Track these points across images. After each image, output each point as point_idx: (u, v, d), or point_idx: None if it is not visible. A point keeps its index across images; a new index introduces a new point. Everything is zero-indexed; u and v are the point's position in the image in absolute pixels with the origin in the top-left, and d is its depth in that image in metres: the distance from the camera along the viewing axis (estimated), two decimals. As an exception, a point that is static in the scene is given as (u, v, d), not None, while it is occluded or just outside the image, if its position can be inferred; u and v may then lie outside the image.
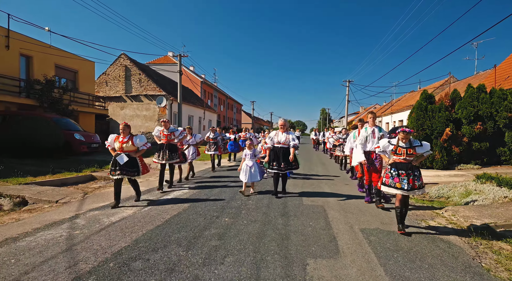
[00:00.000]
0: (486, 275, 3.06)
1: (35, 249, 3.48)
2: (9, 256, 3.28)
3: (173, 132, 7.14)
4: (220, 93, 45.14)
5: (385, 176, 4.39)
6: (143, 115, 22.99)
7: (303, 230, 4.23)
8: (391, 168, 4.34)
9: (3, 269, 2.98)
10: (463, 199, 6.28)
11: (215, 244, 3.65)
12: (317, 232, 4.17)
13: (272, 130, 11.93)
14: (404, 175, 4.20)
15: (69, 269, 2.98)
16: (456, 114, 10.62)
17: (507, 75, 17.28)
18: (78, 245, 3.61)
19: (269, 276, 2.88)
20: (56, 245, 3.60)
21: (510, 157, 9.95)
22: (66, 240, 3.77)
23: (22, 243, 3.66)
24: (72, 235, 3.97)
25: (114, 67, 23.46)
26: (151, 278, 2.80)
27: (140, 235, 3.92)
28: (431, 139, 10.54)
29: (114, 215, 4.89)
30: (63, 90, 17.18)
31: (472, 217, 4.99)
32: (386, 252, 3.52)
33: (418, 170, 4.32)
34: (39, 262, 3.13)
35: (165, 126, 7.08)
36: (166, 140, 6.99)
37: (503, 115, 9.87)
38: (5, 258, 3.22)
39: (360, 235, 4.08)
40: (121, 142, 5.57)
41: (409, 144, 4.29)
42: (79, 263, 3.10)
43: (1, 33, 14.56)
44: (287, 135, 6.38)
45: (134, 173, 5.57)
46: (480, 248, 3.80)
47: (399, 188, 4.19)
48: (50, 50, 17.31)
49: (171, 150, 7.02)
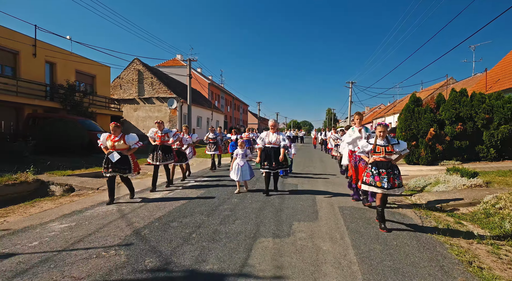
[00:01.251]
0: (419, 227, 4.36)
1: (99, 216, 4.85)
2: (82, 220, 4.64)
3: (167, 133, 7.22)
4: (227, 94, 46.53)
5: (365, 175, 4.48)
6: (155, 116, 24.45)
7: (294, 206, 5.53)
8: (371, 167, 4.42)
9: (82, 227, 4.33)
10: (432, 187, 7.50)
11: (227, 214, 4.98)
12: (304, 208, 5.47)
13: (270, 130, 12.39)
14: (385, 173, 4.28)
15: (128, 226, 4.33)
16: (440, 115, 11.78)
17: (498, 78, 18.31)
18: (128, 214, 4.97)
19: (265, 230, 4.19)
20: (112, 215, 4.96)
21: (487, 154, 11.08)
22: (117, 212, 5.13)
23: (87, 213, 5.04)
24: (120, 209, 5.32)
25: (128, 71, 24.99)
26: (186, 230, 4.13)
27: (171, 209, 5.27)
28: (417, 138, 11.73)
29: (148, 197, 6.25)
30: (83, 94, 18.73)
31: (430, 198, 6.24)
32: (352, 219, 4.80)
33: (397, 169, 4.41)
34: (106, 223, 4.49)
35: (159, 127, 7.14)
36: (160, 141, 7.05)
37: (481, 116, 11.01)
38: (80, 222, 4.58)
39: (337, 210, 5.36)
40: (113, 141, 5.71)
41: (387, 142, 4.43)
42: (134, 223, 4.45)
43: (29, 43, 16.11)
44: (278, 136, 6.60)
45: (125, 170, 5.73)
46: (426, 218, 5.06)
47: (379, 187, 4.26)
48: (71, 57, 18.87)
49: (164, 151, 7.04)
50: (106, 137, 5.81)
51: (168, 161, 7.06)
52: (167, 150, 7.11)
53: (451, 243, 3.94)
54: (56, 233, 4.04)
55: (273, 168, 6.51)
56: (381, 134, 4.42)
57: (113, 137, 5.74)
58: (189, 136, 8.67)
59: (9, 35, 14.89)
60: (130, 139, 5.83)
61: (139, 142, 5.96)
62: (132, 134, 6.00)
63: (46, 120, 14.67)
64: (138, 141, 5.93)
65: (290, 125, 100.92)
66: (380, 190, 4.27)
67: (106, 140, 5.78)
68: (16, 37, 15.28)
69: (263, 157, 6.60)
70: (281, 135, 6.65)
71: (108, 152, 5.73)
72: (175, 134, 7.57)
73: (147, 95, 24.72)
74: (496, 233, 4.46)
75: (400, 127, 12.25)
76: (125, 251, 3.40)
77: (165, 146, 7.11)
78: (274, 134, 6.61)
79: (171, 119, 24.32)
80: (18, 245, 3.60)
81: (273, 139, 6.56)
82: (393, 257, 3.38)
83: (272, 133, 6.63)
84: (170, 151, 7.22)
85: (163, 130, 7.16)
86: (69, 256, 3.26)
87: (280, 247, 3.59)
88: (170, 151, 7.23)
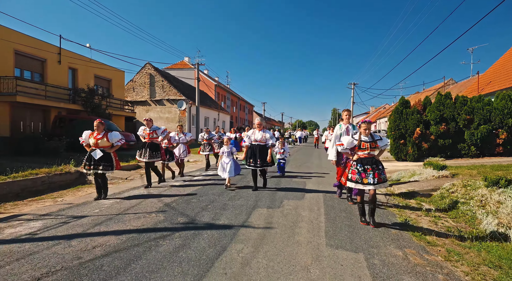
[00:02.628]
0: (382, 203, 5.71)
1: (134, 197, 6.30)
2: (123, 199, 6.09)
3: (155, 131, 7.31)
4: (232, 95, 48.03)
5: (351, 172, 4.47)
6: (166, 117, 26.03)
7: (286, 190, 6.91)
8: (357, 164, 4.42)
9: (125, 203, 5.77)
10: (408, 178, 8.79)
11: (233, 195, 6.39)
12: (295, 191, 6.84)
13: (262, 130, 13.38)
14: (370, 169, 4.31)
15: (160, 201, 5.76)
16: (426, 116, 13.00)
17: (489, 80, 19.38)
18: (155, 195, 6.41)
19: (262, 204, 5.58)
20: (143, 196, 6.40)
21: (468, 151, 12.27)
22: (148, 193, 6.57)
23: (124, 195, 6.49)
24: (150, 192, 6.76)
25: (140, 75, 26.62)
26: (203, 203, 5.55)
27: (188, 192, 6.69)
28: (405, 137, 12.98)
29: (170, 184, 7.70)
30: (101, 96, 20.36)
31: (403, 187, 7.54)
32: (331, 199, 6.15)
33: (381, 164, 4.48)
34: (141, 200, 5.95)
35: (147, 124, 7.23)
36: (148, 139, 7.18)
37: (463, 117, 12.21)
38: (121, 200, 6.02)
39: (321, 194, 6.72)
40: (96, 138, 5.71)
41: (371, 138, 4.48)
42: (163, 199, 5.89)
43: (54, 52, 17.76)
44: (263, 134, 6.76)
45: (108, 167, 5.79)
46: (392, 199, 6.38)
47: (366, 183, 4.29)
48: (91, 63, 20.52)
49: (152, 149, 7.14)
50: (89, 134, 5.80)
51: (154, 158, 7.14)
52: (154, 147, 7.21)
53: (402, 214, 5.27)
54: (108, 205, 5.49)
55: (258, 165, 6.70)
56: (366, 131, 4.48)
57: (95, 135, 5.75)
58: (183, 135, 8.96)
59: (38, 45, 16.54)
60: (113, 136, 5.85)
61: (122, 140, 6.00)
62: (115, 132, 6.03)
63: (73, 121, 16.33)
64: (120, 139, 5.98)
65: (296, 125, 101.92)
66: (367, 187, 4.29)
67: (89, 137, 5.77)
68: (44, 47, 16.94)
69: (249, 155, 6.79)
70: (267, 133, 6.84)
71: (91, 149, 5.77)
72: (163, 132, 7.57)
73: (158, 97, 26.31)
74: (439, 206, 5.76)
75: (390, 127, 13.51)
76: (162, 214, 4.84)
77: (153, 143, 7.23)
78: (260, 132, 6.79)
79: (180, 119, 25.86)
80: (85, 211, 5.06)
81: (258, 137, 6.76)
82: (352, 220, 4.74)
83: (258, 131, 6.81)
84: (158, 149, 7.29)
85: (152, 127, 7.28)
86: (124, 217, 4.70)
87: (271, 213, 4.99)
88: (158, 149, 7.31)
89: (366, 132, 4.47)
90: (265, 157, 6.71)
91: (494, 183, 5.57)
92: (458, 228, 4.63)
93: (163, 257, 3.27)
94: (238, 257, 3.31)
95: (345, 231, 4.23)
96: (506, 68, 18.00)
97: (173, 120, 25.87)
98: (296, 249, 3.57)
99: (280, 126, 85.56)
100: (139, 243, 3.64)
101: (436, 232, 4.32)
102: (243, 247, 3.59)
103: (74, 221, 4.52)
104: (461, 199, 5.96)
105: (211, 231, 4.07)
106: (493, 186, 5.57)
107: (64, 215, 4.86)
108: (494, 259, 3.44)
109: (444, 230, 4.52)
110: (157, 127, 7.47)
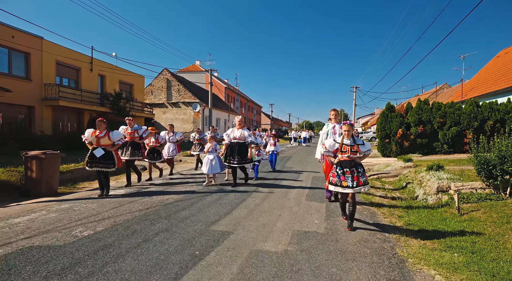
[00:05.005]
0: None
1: (179, 178, 8.77)
2: (168, 180, 8.57)
3: (137, 130, 7.42)
4: (241, 97, 50.52)
5: (331, 175, 4.45)
6: (181, 118, 28.60)
7: (285, 176, 9.33)
8: (336, 167, 4.41)
9: (172, 182, 8.24)
10: (383, 169, 11.11)
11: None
12: (294, 175, 9.25)
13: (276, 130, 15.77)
14: (349, 172, 4.28)
15: (190, 185, 8.22)
16: (407, 119, 15.26)
17: (472, 87, 21.48)
18: (179, 183, 8.86)
19: (267, 181, 8.00)
20: (170, 182, 8.86)
21: (442, 149, 14.50)
22: (178, 180, 9.03)
23: (168, 176, 8.96)
24: (179, 178, 9.23)
25: (158, 79, 29.26)
26: (212, 188, 7.99)
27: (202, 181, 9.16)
28: (390, 136, 15.26)
29: (191, 172, 10.17)
30: (126, 100, 23.00)
31: (377, 174, 9.89)
32: (318, 177, 8.53)
33: (361, 167, 4.41)
34: (178, 182, 8.42)
35: (129, 124, 7.34)
36: (130, 138, 7.28)
37: (437, 120, 14.45)
38: (168, 181, 8.50)
39: (312, 173, 9.10)
40: (98, 137, 5.81)
41: (353, 142, 4.41)
42: (192, 186, 8.35)
43: (87, 61, 20.43)
44: (243, 131, 6.96)
45: (110, 165, 5.91)
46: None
47: (345, 187, 4.25)
48: (116, 70, 23.18)
49: (133, 148, 7.25)
50: (91, 133, 5.90)
51: (135, 157, 7.27)
52: (135, 146, 7.33)
53: (363, 189, 7.65)
54: (159, 183, 7.96)
55: (237, 163, 6.97)
56: (347, 133, 4.41)
57: (97, 133, 5.87)
58: (173, 134, 9.35)
59: (74, 56, 19.21)
60: (114, 135, 5.98)
61: (123, 139, 6.10)
62: (117, 131, 6.17)
63: (104, 122, 18.90)
64: (121, 138, 6.09)
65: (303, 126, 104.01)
66: (345, 190, 4.26)
67: (91, 136, 5.87)
68: (79, 57, 19.61)
69: (228, 152, 7.04)
70: (246, 131, 7.04)
71: (93, 147, 5.89)
72: (145, 131, 7.69)
73: (174, 100, 28.91)
74: (396, 187, 8.11)
75: (377, 128, 15.80)
76: (197, 186, 7.29)
77: (135, 142, 7.36)
78: (239, 130, 6.99)
79: (194, 120, 28.42)
80: (146, 184, 7.54)
81: (237, 134, 6.99)
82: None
83: (237, 129, 7.02)
84: (139, 148, 7.40)
85: (133, 127, 7.41)
86: (177, 186, 7.17)
87: (273, 185, 7.42)
88: (139, 148, 7.41)
89: (347, 133, 4.41)
90: (244, 154, 6.97)
91: (430, 168, 7.89)
92: (399, 197, 7.00)
93: (210, 202, 5.73)
94: (252, 203, 5.74)
95: (319, 194, 6.63)
96: (486, 76, 20.10)
97: (188, 121, 28.43)
98: (286, 200, 6.01)
99: (287, 126, 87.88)
100: (193, 197, 6.11)
101: (379, 196, 6.70)
102: (255, 199, 6.03)
103: (144, 189, 7.00)
104: (410, 180, 8.30)
105: (235, 193, 6.52)
106: (429, 171, 7.89)
107: (133, 187, 7.36)
108: (405, 209, 5.82)
109: (389, 197, 6.93)
110: (139, 127, 7.59)
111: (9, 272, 2.82)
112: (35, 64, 16.36)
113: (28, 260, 3.09)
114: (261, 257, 3.34)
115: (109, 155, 5.92)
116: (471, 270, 3.17)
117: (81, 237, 3.79)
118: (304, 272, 3.01)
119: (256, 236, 4.01)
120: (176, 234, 3.99)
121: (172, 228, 4.22)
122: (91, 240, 3.68)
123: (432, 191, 6.90)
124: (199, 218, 4.72)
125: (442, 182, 6.90)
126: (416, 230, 4.59)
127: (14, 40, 14.99)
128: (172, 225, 4.37)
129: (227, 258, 3.28)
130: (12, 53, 15.20)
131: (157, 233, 4.00)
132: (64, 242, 3.59)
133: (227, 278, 2.84)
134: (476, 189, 6.32)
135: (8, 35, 14.73)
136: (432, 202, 6.40)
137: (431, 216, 5.26)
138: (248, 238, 3.91)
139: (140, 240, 3.74)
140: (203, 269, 3.01)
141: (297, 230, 4.28)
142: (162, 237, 3.86)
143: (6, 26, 14.79)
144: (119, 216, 4.78)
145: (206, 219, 4.68)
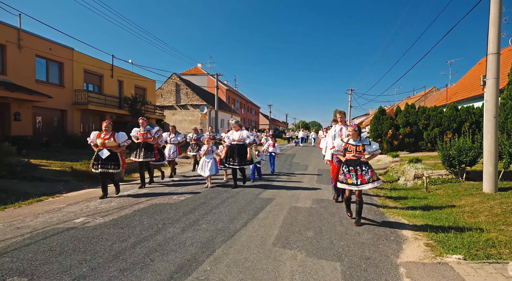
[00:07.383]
0: None
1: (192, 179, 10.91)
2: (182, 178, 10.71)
3: (149, 131, 7.35)
4: (241, 98, 52.62)
5: (339, 173, 4.68)
6: (189, 120, 30.66)
7: (291, 167, 11.51)
8: (343, 166, 4.62)
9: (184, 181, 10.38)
10: (375, 163, 13.33)
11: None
12: (298, 166, 11.43)
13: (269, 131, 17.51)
14: (353, 171, 4.46)
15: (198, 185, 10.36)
16: (397, 121, 17.53)
17: (456, 91, 23.84)
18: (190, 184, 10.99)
19: (281, 174, 10.17)
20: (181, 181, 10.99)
21: (426, 147, 16.78)
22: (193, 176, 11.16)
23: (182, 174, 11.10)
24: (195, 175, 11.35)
25: (167, 83, 31.30)
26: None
27: (238, 168, 11.30)
28: (381, 136, 17.52)
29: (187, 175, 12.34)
30: (142, 103, 25.02)
31: (367, 167, 12.13)
32: (325, 173, 10.72)
33: (366, 165, 4.54)
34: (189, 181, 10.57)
35: (142, 124, 7.27)
36: (142, 139, 7.22)
37: (422, 122, 16.73)
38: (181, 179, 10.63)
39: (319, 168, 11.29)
40: (103, 139, 5.82)
41: (358, 142, 4.58)
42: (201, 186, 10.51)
43: (108, 68, 22.43)
44: (241, 132, 7.04)
45: (115, 167, 5.90)
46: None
47: (350, 184, 4.47)
48: (133, 76, 25.19)
49: (147, 149, 7.18)
50: (97, 135, 5.93)
51: (148, 158, 7.22)
52: (149, 147, 7.26)
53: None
54: (175, 179, 10.07)
55: (237, 164, 7.09)
56: (351, 134, 4.62)
57: (103, 135, 5.88)
58: (174, 136, 9.34)
59: (98, 64, 21.19)
60: (120, 137, 6.00)
61: (128, 140, 6.14)
62: (122, 132, 6.18)
63: (127, 123, 20.95)
64: (127, 139, 6.11)
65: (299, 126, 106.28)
66: (351, 187, 4.47)
67: (97, 138, 5.90)
68: (102, 65, 21.60)
69: (229, 154, 7.12)
70: (244, 132, 7.15)
71: (98, 149, 5.90)
72: (157, 131, 7.61)
73: (183, 102, 30.97)
74: (385, 177, 10.32)
75: (371, 129, 18.06)
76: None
77: (147, 143, 7.26)
78: (237, 132, 7.12)
79: (202, 122, 30.49)
80: (176, 178, 9.67)
81: (236, 136, 7.12)
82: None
83: (235, 131, 7.14)
84: (152, 149, 7.36)
85: (146, 128, 7.33)
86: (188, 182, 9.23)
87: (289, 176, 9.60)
88: (152, 149, 7.37)
89: (351, 134, 4.61)
90: (244, 156, 7.11)
91: (411, 161, 10.12)
92: (387, 181, 9.21)
93: (226, 197, 7.78)
94: (267, 196, 7.85)
95: (325, 180, 8.82)
96: (467, 82, 22.48)
97: (196, 122, 30.50)
98: (300, 186, 8.17)
99: (284, 126, 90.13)
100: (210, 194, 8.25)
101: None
102: (278, 182, 8.18)
103: (184, 180, 9.12)
104: (395, 171, 10.52)
105: (249, 188, 8.68)
106: (410, 163, 10.12)
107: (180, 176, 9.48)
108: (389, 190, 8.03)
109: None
110: (151, 127, 7.54)
111: (153, 215, 4.96)
112: (67, 72, 18.34)
113: (155, 211, 5.23)
114: (297, 209, 5.52)
115: (115, 157, 5.96)
116: (424, 217, 5.35)
117: (181, 200, 5.96)
118: (324, 216, 5.18)
119: (290, 200, 6.20)
120: (239, 199, 6.17)
121: (233, 198, 6.37)
122: (189, 201, 5.84)
123: (410, 177, 9.11)
124: (248, 191, 6.88)
125: (418, 171, 9.11)
126: (394, 198, 6.81)
127: (51, 51, 16.97)
128: (232, 195, 6.53)
129: (277, 209, 5.46)
130: (49, 63, 17.19)
131: (227, 198, 6.20)
132: (174, 202, 5.75)
133: (282, 216, 5.00)
134: (442, 175, 8.55)
135: (46, 48, 16.71)
136: (410, 185, 8.61)
137: (407, 193, 7.47)
138: (285, 201, 6.11)
139: (219, 201, 5.92)
140: (266, 212, 5.18)
141: (315, 198, 6.47)
142: (231, 200, 6.05)
143: (45, 39, 16.77)
144: (193, 191, 6.91)
145: (253, 192, 6.88)
